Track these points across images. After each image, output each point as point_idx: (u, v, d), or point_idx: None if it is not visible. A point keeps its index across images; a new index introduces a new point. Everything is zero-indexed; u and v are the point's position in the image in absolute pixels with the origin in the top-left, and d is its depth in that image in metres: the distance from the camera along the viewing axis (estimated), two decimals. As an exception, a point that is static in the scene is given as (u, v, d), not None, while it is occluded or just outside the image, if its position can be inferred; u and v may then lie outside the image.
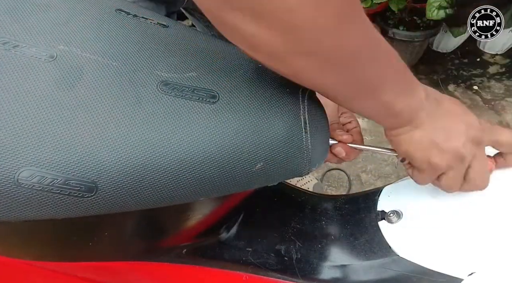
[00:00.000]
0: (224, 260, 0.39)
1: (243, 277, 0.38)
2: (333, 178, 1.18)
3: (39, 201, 0.23)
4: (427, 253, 0.33)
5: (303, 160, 0.29)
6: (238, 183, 0.28)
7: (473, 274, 0.30)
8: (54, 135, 0.23)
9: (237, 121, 0.27)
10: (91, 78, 0.25)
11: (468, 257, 0.31)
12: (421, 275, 0.32)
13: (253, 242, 0.39)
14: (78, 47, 0.26)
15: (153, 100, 0.25)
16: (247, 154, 0.27)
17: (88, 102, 0.24)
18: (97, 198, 0.24)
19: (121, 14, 0.30)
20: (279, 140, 0.28)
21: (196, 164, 0.25)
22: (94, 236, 0.37)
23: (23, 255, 0.40)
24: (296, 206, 0.42)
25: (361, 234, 0.37)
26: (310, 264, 0.37)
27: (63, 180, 0.22)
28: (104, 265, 0.40)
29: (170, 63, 0.28)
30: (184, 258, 0.40)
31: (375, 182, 1.15)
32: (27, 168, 0.22)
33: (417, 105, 0.29)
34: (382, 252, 0.35)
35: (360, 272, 0.36)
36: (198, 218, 0.39)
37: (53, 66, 0.25)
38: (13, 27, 0.26)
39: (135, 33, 0.29)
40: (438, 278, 0.32)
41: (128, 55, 0.27)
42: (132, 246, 0.40)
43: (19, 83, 0.23)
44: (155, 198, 0.26)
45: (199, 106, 0.26)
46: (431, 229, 0.34)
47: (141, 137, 0.24)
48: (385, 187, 0.40)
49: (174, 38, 0.30)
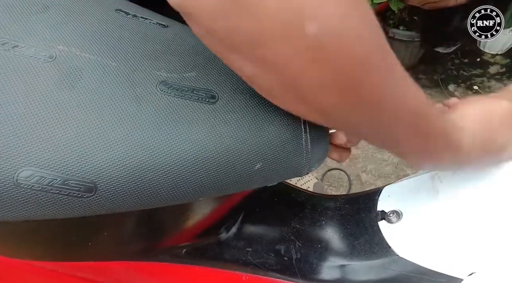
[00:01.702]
0: (224, 260, 0.39)
1: (243, 277, 0.38)
2: (333, 177, 1.18)
3: (38, 201, 0.23)
4: (427, 253, 0.33)
5: (303, 159, 0.29)
6: (238, 183, 0.28)
7: (473, 274, 0.30)
8: (53, 136, 0.22)
9: (236, 122, 0.27)
10: (90, 79, 0.25)
11: (468, 257, 0.31)
12: (421, 275, 0.32)
13: (253, 242, 0.39)
14: (78, 47, 0.26)
15: (152, 100, 0.25)
16: (247, 154, 0.27)
17: (87, 103, 0.24)
18: (97, 198, 0.24)
19: (121, 14, 0.30)
20: (279, 140, 0.28)
21: (196, 164, 0.25)
22: (94, 236, 0.37)
23: (23, 255, 0.40)
24: (296, 206, 0.42)
25: (361, 234, 0.37)
26: (310, 264, 0.37)
27: (62, 180, 0.22)
28: (104, 265, 0.40)
29: (170, 63, 0.28)
30: (184, 258, 0.40)
31: (375, 182, 1.15)
32: (26, 168, 0.22)
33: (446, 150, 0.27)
34: (382, 252, 0.35)
35: (360, 272, 0.36)
36: (198, 218, 0.39)
37: (53, 66, 0.25)
38: (12, 27, 0.26)
39: (134, 33, 0.29)
40: (438, 278, 0.32)
41: (127, 55, 0.27)
42: (132, 246, 0.40)
43: (18, 83, 0.23)
44: (155, 198, 0.26)
45: (199, 107, 0.26)
46: (431, 229, 0.34)
47: (140, 138, 0.24)
48: (385, 187, 0.40)
49: (173, 38, 0.30)
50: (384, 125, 0.23)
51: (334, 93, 0.20)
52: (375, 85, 0.20)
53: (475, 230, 0.32)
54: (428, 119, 0.24)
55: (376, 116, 0.22)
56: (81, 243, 0.37)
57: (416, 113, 0.23)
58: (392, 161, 1.18)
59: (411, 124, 0.24)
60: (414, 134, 0.25)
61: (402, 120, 0.23)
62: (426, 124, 0.25)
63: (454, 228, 0.33)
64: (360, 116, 0.22)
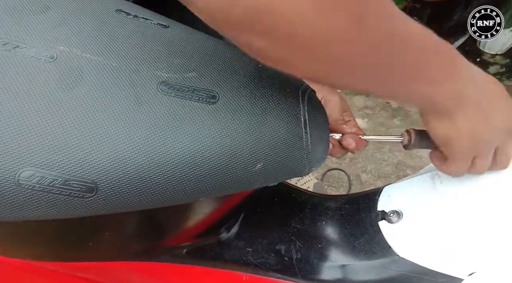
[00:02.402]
0: (224, 260, 0.39)
1: (243, 277, 0.38)
2: (333, 178, 1.18)
3: (39, 201, 0.23)
4: (427, 253, 0.33)
5: (303, 160, 0.29)
6: (238, 183, 0.28)
7: (473, 274, 0.30)
8: (54, 136, 0.23)
9: (237, 122, 0.27)
10: (91, 79, 0.25)
11: (468, 257, 0.31)
12: (421, 275, 0.32)
13: (253, 242, 0.39)
14: (78, 47, 0.26)
15: (153, 100, 0.25)
16: (247, 154, 0.27)
17: (88, 103, 0.24)
18: (97, 198, 0.24)
19: (122, 14, 0.30)
20: (279, 141, 0.28)
21: (196, 164, 0.25)
22: (94, 236, 0.37)
23: (23, 255, 0.40)
24: (296, 206, 0.42)
25: (361, 234, 0.37)
26: (310, 264, 0.37)
27: (63, 180, 0.22)
28: (105, 265, 0.40)
29: (170, 64, 0.28)
30: (184, 258, 0.40)
31: (375, 182, 1.15)
32: (27, 168, 0.22)
33: (457, 93, 0.27)
34: (382, 252, 0.35)
35: (360, 272, 0.36)
36: (198, 218, 0.39)
37: (54, 67, 0.25)
38: (14, 28, 0.26)
39: (135, 34, 0.29)
40: (438, 278, 0.32)
41: (128, 55, 0.27)
42: (132, 246, 0.40)
43: (19, 84, 0.23)
44: (155, 198, 0.26)
45: (199, 107, 0.26)
46: (431, 229, 0.34)
47: (141, 138, 0.24)
48: (385, 187, 0.40)
49: (174, 39, 0.30)
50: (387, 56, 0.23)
51: (347, 37, 0.20)
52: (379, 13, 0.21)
53: (475, 230, 0.32)
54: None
55: (379, 47, 0.22)
56: (82, 243, 0.37)
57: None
58: (392, 161, 1.18)
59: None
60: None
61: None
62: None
63: (454, 228, 0.33)
64: (366, 47, 0.22)
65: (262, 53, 0.22)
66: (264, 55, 0.22)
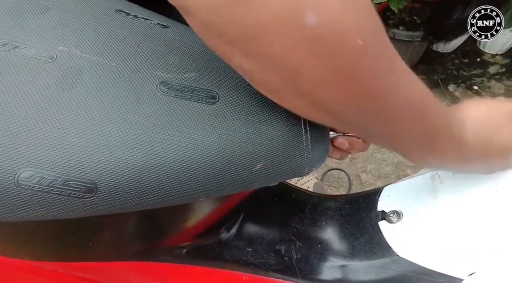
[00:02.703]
0: (224, 260, 0.39)
1: (243, 277, 0.38)
2: (333, 178, 1.18)
3: (39, 202, 0.23)
4: (427, 253, 0.33)
5: (303, 160, 0.29)
6: (238, 183, 0.28)
7: (473, 274, 0.30)
8: (54, 136, 0.23)
9: (237, 122, 0.27)
10: (91, 79, 0.25)
11: (468, 257, 0.31)
12: (421, 275, 0.32)
13: (253, 242, 0.39)
14: (78, 48, 0.26)
15: (152, 100, 0.25)
16: (247, 154, 0.27)
17: (87, 103, 0.24)
18: (97, 198, 0.24)
19: (121, 14, 0.30)
20: (279, 141, 0.28)
21: (196, 164, 0.25)
22: (94, 236, 0.37)
23: (23, 255, 0.40)
24: (296, 206, 0.42)
25: (361, 234, 0.37)
26: (310, 264, 0.37)
27: (63, 180, 0.22)
28: (105, 265, 0.40)
29: (170, 64, 0.28)
30: (184, 258, 0.40)
31: (375, 182, 1.15)
32: (27, 169, 0.22)
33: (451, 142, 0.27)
34: (382, 252, 0.35)
35: (360, 272, 0.36)
36: (198, 218, 0.39)
37: (53, 67, 0.25)
38: (13, 28, 0.26)
39: (135, 34, 0.29)
40: (438, 278, 0.32)
41: (128, 55, 0.27)
42: (132, 246, 0.40)
43: (19, 84, 0.23)
44: (155, 199, 0.26)
45: (199, 107, 0.26)
46: (431, 229, 0.34)
47: (141, 138, 0.24)
48: (385, 187, 0.40)
49: (174, 39, 0.30)
50: (386, 121, 0.23)
51: (333, 85, 0.20)
52: (375, 77, 0.20)
53: (475, 230, 0.32)
54: (432, 114, 0.24)
55: (378, 111, 0.22)
56: (82, 243, 0.37)
57: (419, 107, 0.23)
58: (392, 161, 1.18)
59: (415, 119, 0.24)
60: (417, 130, 0.24)
61: (405, 115, 0.23)
62: (430, 119, 0.24)
63: (454, 228, 0.33)
64: (361, 111, 0.22)
65: (249, 75, 0.22)
66: (251, 78, 0.22)
